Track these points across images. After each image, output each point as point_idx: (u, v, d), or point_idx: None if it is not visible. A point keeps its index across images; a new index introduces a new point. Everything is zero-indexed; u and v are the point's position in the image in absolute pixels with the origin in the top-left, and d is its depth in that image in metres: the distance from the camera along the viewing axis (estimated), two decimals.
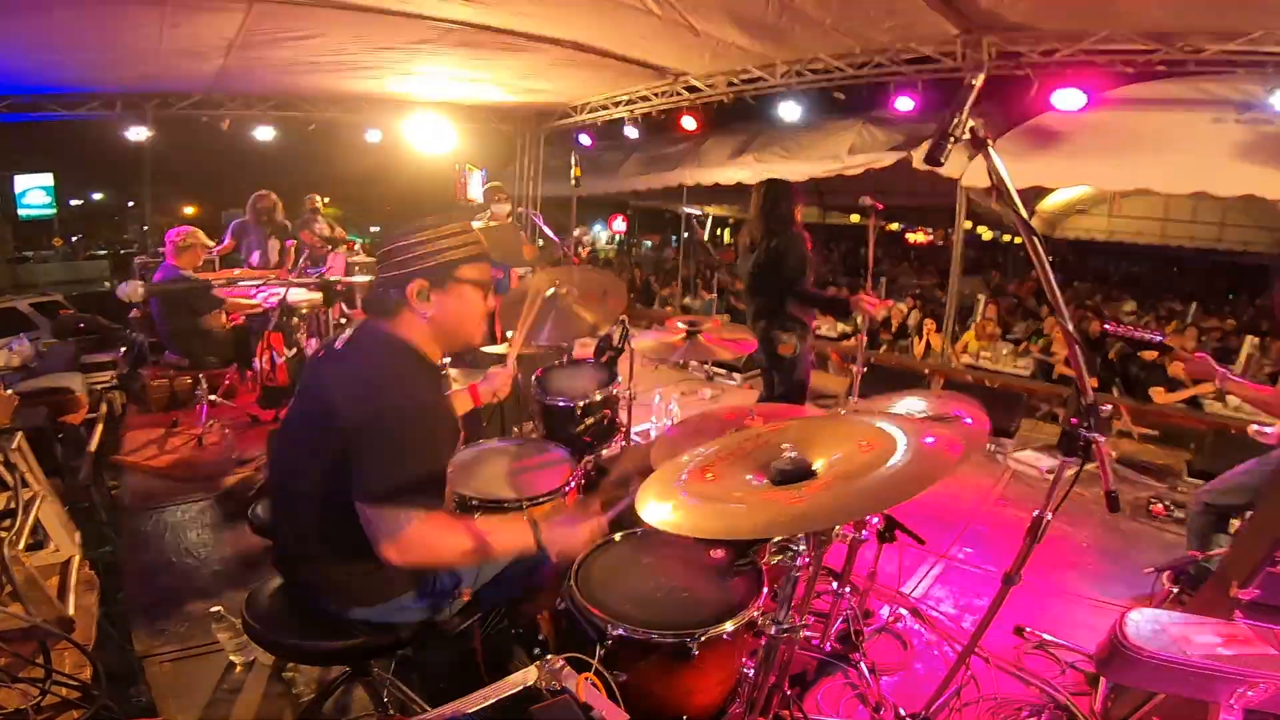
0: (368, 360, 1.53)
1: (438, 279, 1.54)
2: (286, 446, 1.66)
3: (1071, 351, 1.56)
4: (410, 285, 1.52)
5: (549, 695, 1.20)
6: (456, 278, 1.56)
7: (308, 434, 1.55)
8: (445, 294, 1.55)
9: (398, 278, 1.53)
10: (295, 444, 1.59)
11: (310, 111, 8.14)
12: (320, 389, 1.55)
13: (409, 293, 1.52)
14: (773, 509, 1.35)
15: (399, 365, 1.53)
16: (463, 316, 1.60)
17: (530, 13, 5.11)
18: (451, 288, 1.56)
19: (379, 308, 1.58)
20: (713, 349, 2.83)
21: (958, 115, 1.46)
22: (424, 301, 1.53)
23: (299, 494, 1.56)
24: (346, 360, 1.56)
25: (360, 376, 1.50)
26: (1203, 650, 1.12)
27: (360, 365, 1.53)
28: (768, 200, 3.66)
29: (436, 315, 1.55)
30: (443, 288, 1.55)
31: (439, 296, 1.54)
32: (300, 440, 1.58)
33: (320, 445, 1.48)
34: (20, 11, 4.50)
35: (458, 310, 1.58)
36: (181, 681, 2.30)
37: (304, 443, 1.55)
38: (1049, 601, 2.93)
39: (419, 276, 1.52)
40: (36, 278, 9.86)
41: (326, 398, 1.49)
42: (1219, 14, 4.34)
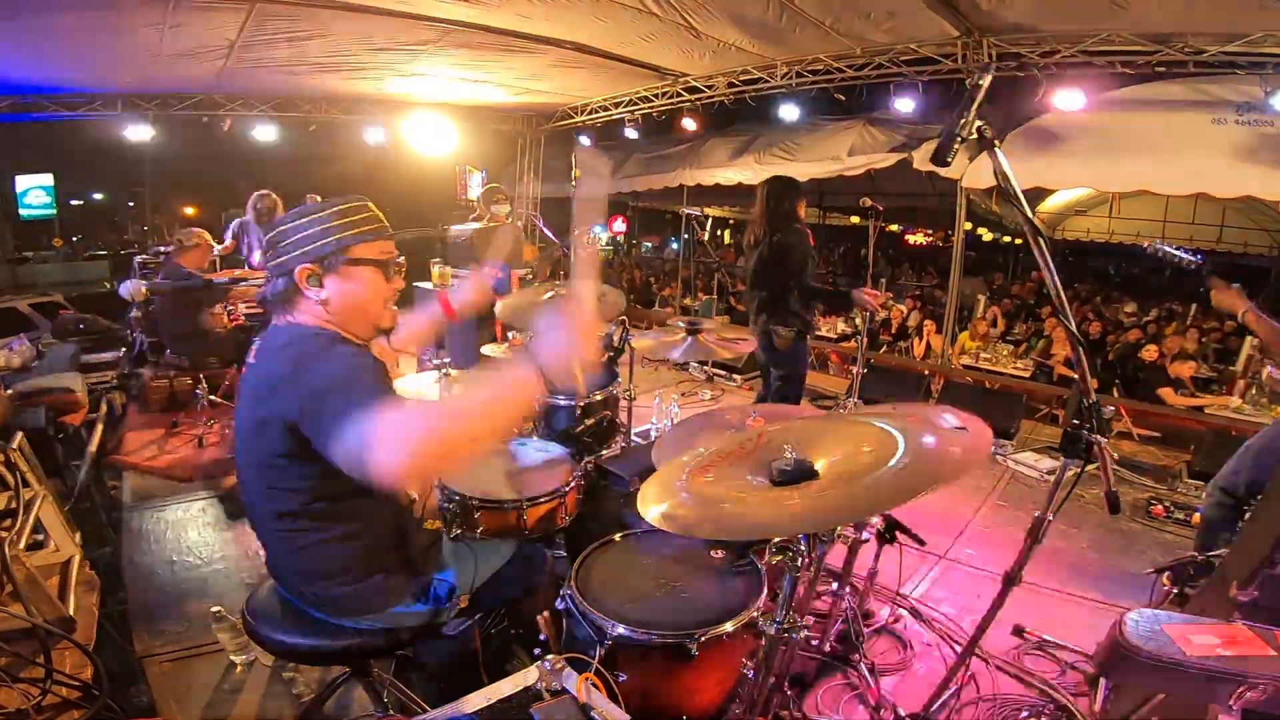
0: (278, 354, 1.41)
1: (328, 262, 1.43)
2: (243, 472, 1.53)
3: (1075, 352, 1.56)
4: (298, 270, 1.41)
5: (549, 695, 1.20)
6: (349, 259, 1.44)
7: (254, 454, 1.45)
8: (338, 277, 1.44)
9: (284, 264, 1.42)
10: (249, 468, 1.50)
11: (310, 112, 8.14)
12: (247, 402, 1.46)
13: (298, 278, 1.41)
14: (773, 509, 1.35)
15: (310, 344, 1.40)
16: (361, 300, 1.47)
17: (530, 14, 5.11)
18: (344, 270, 1.44)
19: (275, 301, 1.47)
20: (713, 349, 2.83)
21: (965, 115, 1.46)
22: (315, 287, 1.43)
23: (268, 515, 1.50)
24: (260, 364, 1.46)
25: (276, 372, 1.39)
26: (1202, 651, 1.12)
27: (272, 362, 1.42)
28: (771, 197, 3.70)
29: (332, 300, 1.44)
30: (334, 270, 1.43)
31: (332, 280, 1.43)
32: (251, 463, 1.48)
33: (270, 461, 1.41)
34: (20, 11, 4.50)
35: (354, 294, 1.46)
36: (182, 681, 2.30)
37: (254, 464, 1.46)
38: (1049, 602, 2.93)
39: (306, 261, 1.41)
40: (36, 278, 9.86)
41: (254, 409, 1.41)
42: (1219, 15, 4.35)
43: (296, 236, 1.43)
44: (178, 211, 15.84)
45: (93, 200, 18.64)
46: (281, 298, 1.45)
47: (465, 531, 2.16)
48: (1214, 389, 6.05)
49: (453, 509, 2.18)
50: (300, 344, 1.40)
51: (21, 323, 6.29)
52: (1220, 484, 2.79)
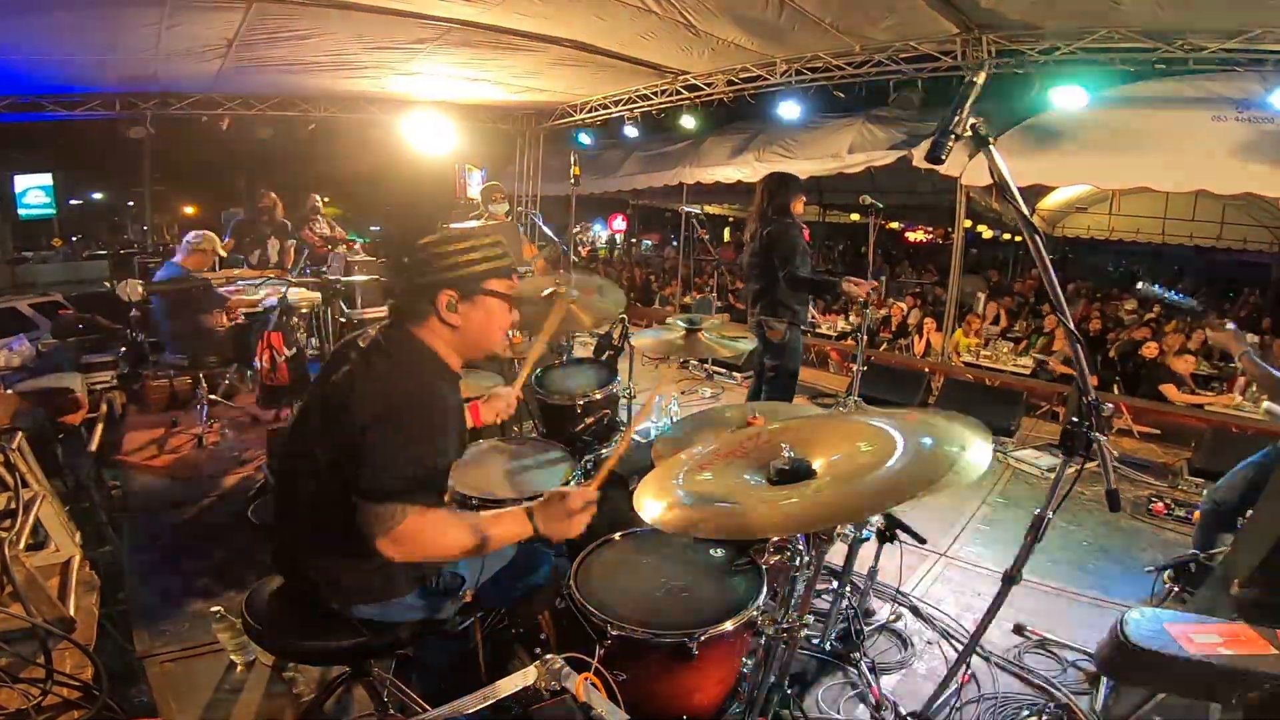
0: (389, 361, 1.54)
1: (466, 291, 1.56)
2: (296, 441, 1.65)
3: (1073, 350, 1.56)
4: (440, 296, 1.54)
5: (549, 695, 1.19)
6: (484, 290, 1.58)
7: (320, 429, 1.54)
8: (472, 306, 1.57)
9: (427, 286, 1.55)
10: (305, 439, 1.59)
11: (309, 111, 8.13)
12: (339, 385, 1.54)
13: (438, 303, 1.54)
14: (772, 509, 1.35)
15: (418, 367, 1.55)
16: (487, 328, 1.62)
17: (530, 12, 5.11)
18: (479, 300, 1.58)
19: (405, 311, 1.59)
20: (712, 348, 2.83)
21: (959, 113, 1.46)
22: (451, 312, 1.55)
23: (305, 490, 1.56)
24: (369, 359, 1.56)
25: (380, 375, 1.50)
26: (1204, 649, 1.12)
27: (381, 365, 1.53)
28: (767, 192, 3.80)
29: (462, 326, 1.57)
30: (470, 300, 1.57)
31: (466, 308, 1.56)
32: (311, 435, 1.57)
33: (331, 441, 1.48)
34: (20, 11, 4.50)
35: (483, 322, 1.60)
36: (182, 681, 2.30)
37: (315, 438, 1.55)
38: (1050, 600, 2.93)
39: (448, 287, 1.54)
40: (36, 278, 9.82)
41: (344, 394, 1.49)
42: (1218, 12, 4.34)
43: (445, 261, 1.55)
44: (178, 211, 15.85)
45: (92, 200, 18.62)
46: (414, 310, 1.58)
47: None
48: (1215, 386, 6.05)
49: (453, 508, 2.18)
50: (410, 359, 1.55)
51: (21, 322, 6.28)
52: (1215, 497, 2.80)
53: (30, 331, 5.91)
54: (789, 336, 3.79)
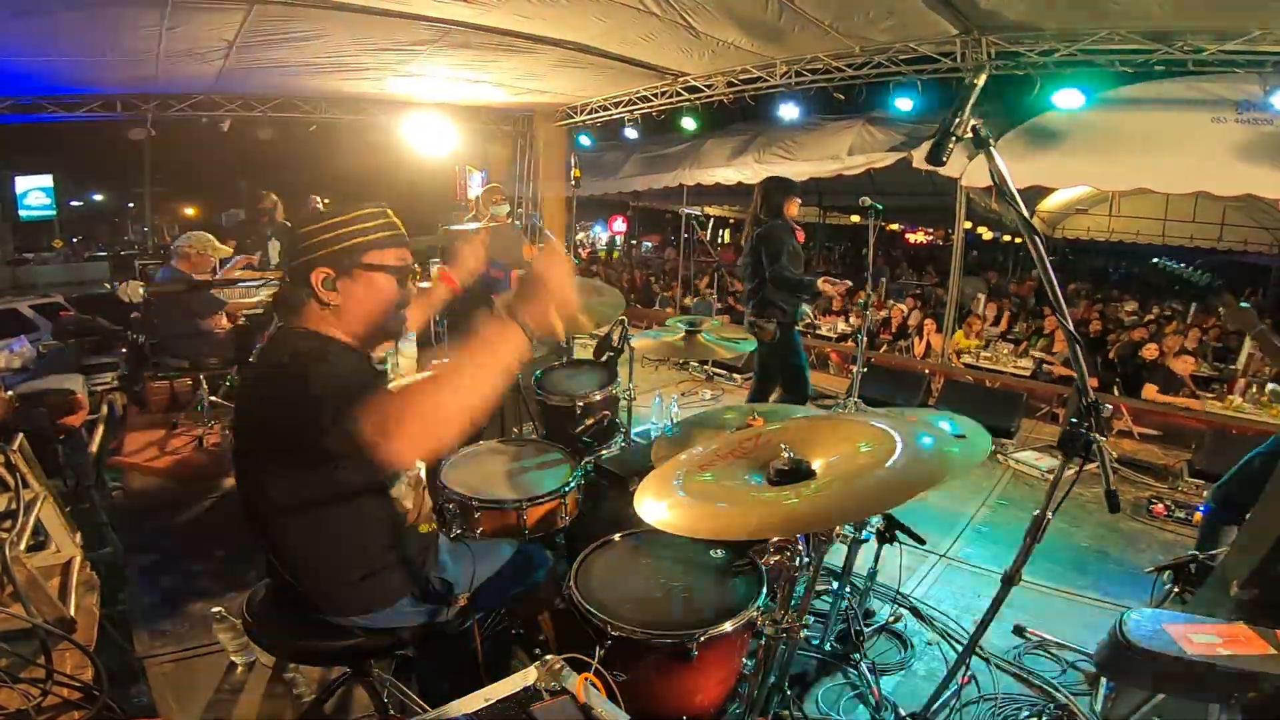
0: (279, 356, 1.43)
1: (343, 266, 1.44)
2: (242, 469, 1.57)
3: (1072, 351, 1.56)
4: (314, 273, 1.43)
5: (549, 695, 1.20)
6: (365, 264, 1.46)
7: (254, 453, 1.49)
8: (353, 281, 1.45)
9: (301, 266, 1.44)
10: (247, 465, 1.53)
11: (310, 112, 8.14)
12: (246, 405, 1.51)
13: (313, 282, 1.43)
14: (771, 509, 1.35)
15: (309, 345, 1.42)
16: (374, 306, 1.49)
17: (529, 13, 5.11)
18: (359, 275, 1.46)
19: (287, 306, 1.48)
20: (712, 349, 2.84)
21: (959, 114, 1.46)
22: (329, 290, 1.44)
23: (270, 513, 1.51)
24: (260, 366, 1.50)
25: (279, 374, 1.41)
26: (1203, 650, 1.12)
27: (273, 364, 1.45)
28: (762, 195, 3.91)
29: (345, 305, 1.46)
30: (349, 275, 1.45)
31: (346, 284, 1.45)
32: (250, 460, 1.51)
33: (270, 458, 1.43)
34: (21, 13, 4.50)
35: (367, 299, 1.48)
36: (183, 682, 2.31)
37: (254, 462, 1.49)
38: (1049, 601, 2.93)
39: (322, 264, 1.43)
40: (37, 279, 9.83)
41: (254, 411, 1.46)
42: (1218, 14, 4.35)
43: (316, 238, 1.45)
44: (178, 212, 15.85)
45: (93, 201, 18.64)
46: (293, 300, 1.47)
47: (466, 531, 2.16)
48: (1215, 387, 6.05)
49: (453, 509, 2.18)
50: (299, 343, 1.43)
51: (22, 324, 6.28)
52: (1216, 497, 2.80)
53: (31, 333, 5.92)
54: (779, 335, 3.85)
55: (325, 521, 1.48)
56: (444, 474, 2.31)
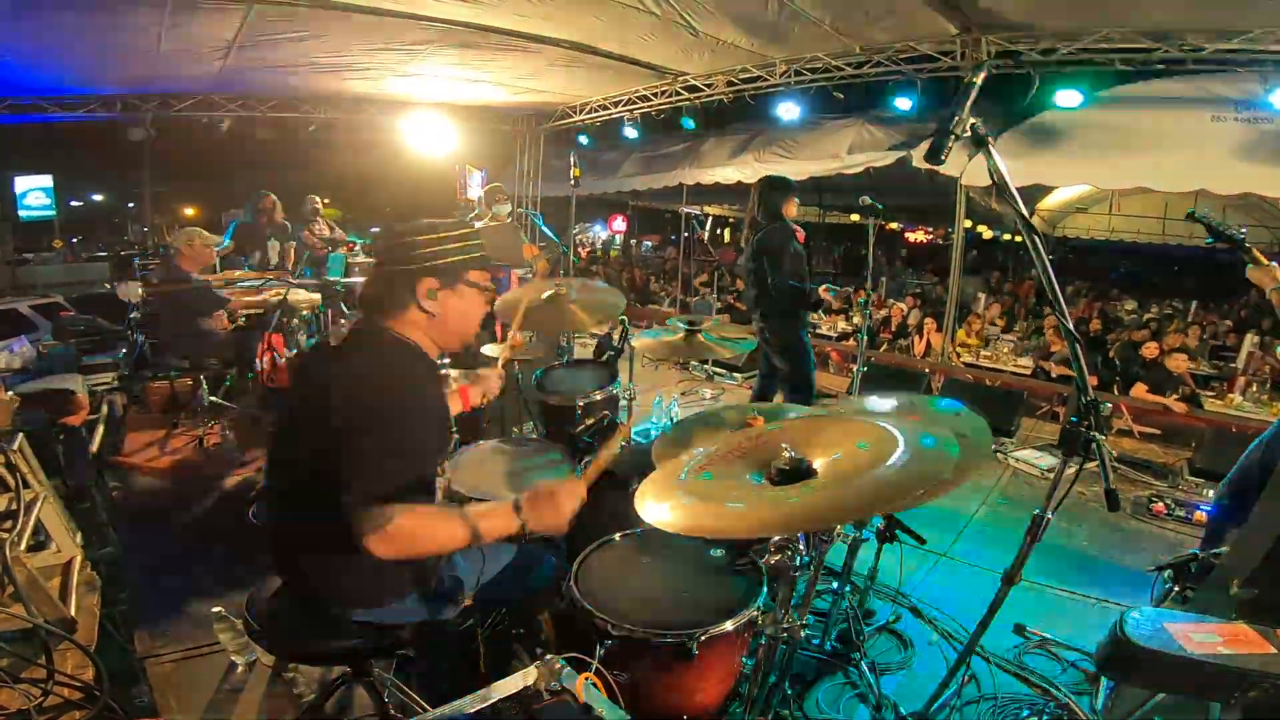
0: (367, 357, 1.53)
1: (448, 279, 1.57)
2: (282, 445, 1.65)
3: (1072, 350, 1.56)
4: (420, 284, 1.54)
5: (549, 695, 1.20)
6: (465, 280, 1.60)
7: (304, 432, 1.54)
8: (453, 294, 1.58)
9: (407, 274, 1.54)
10: (291, 442, 1.59)
11: (310, 112, 8.14)
12: (318, 386, 1.53)
13: (418, 291, 1.54)
14: (772, 509, 1.35)
15: (398, 361, 1.54)
16: (465, 317, 1.63)
17: (529, 13, 5.11)
18: (459, 289, 1.59)
19: (381, 303, 1.58)
20: (712, 349, 2.83)
21: (959, 113, 1.46)
22: (431, 300, 1.56)
23: (295, 494, 1.55)
24: (346, 358, 1.56)
25: (359, 374, 1.49)
26: (1203, 649, 1.11)
27: (359, 362, 1.52)
28: (759, 196, 3.83)
29: (442, 314, 1.58)
30: (451, 288, 1.58)
31: (446, 296, 1.57)
32: (296, 438, 1.57)
33: (316, 443, 1.46)
34: (20, 12, 4.50)
35: (462, 311, 1.61)
36: (183, 682, 2.30)
37: (300, 441, 1.54)
38: (1050, 600, 2.93)
39: (430, 275, 1.54)
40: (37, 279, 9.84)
41: (324, 395, 1.47)
42: (1218, 13, 4.35)
43: (426, 249, 1.55)
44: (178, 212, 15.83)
45: (93, 201, 18.63)
46: (393, 303, 1.56)
47: None
48: (1215, 386, 6.05)
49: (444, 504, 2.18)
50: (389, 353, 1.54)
51: (22, 324, 6.29)
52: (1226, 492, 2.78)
53: (31, 333, 5.92)
54: (794, 341, 3.80)
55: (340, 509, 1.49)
56: (448, 471, 2.31)
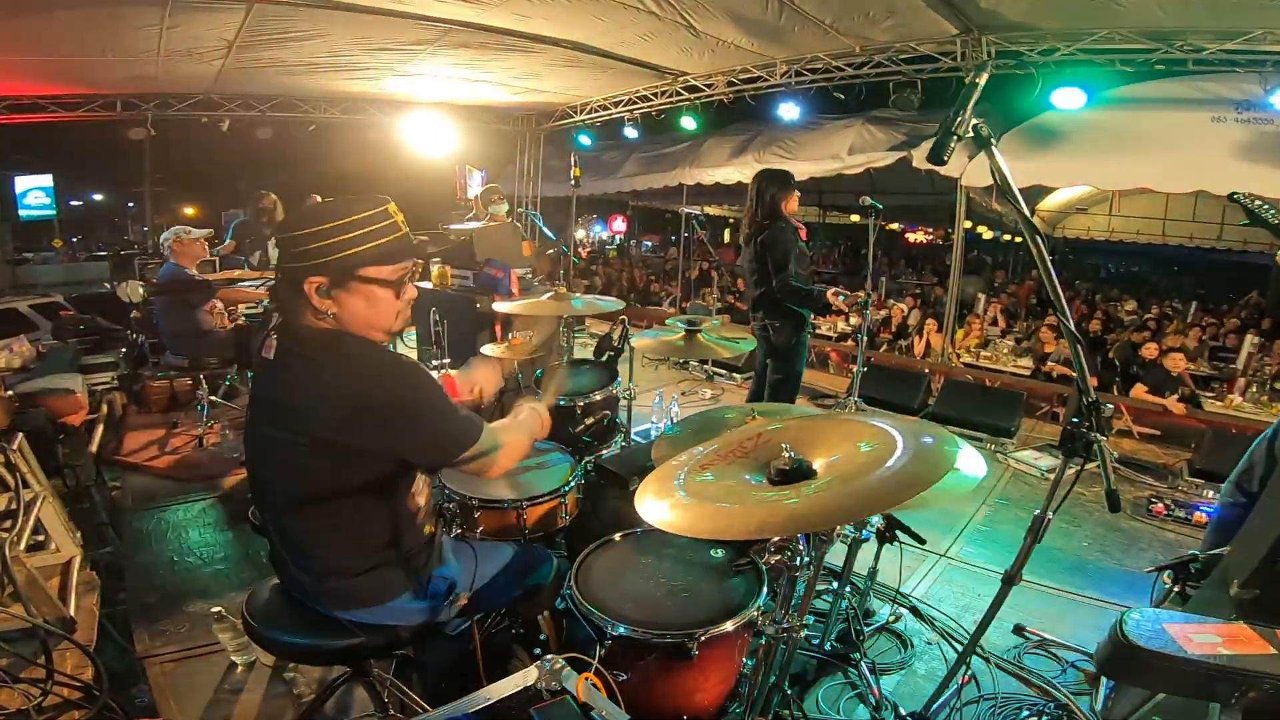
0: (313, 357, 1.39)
1: (336, 278, 1.37)
2: (263, 459, 1.53)
3: (1073, 350, 1.56)
4: (306, 282, 1.35)
5: (549, 695, 1.19)
6: (360, 277, 1.38)
7: (285, 442, 1.42)
8: (348, 293, 1.38)
9: (292, 271, 1.37)
10: (272, 454, 1.49)
11: (310, 112, 8.14)
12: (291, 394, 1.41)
13: (306, 290, 1.36)
14: (772, 509, 1.35)
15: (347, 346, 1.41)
16: (368, 315, 1.42)
17: (529, 13, 5.11)
18: (355, 287, 1.38)
19: (284, 307, 1.43)
20: (712, 349, 2.83)
21: (961, 114, 1.46)
22: (325, 299, 1.37)
23: (283, 504, 1.51)
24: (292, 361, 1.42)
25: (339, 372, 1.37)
26: (1203, 649, 1.11)
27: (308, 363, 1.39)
28: (757, 192, 3.72)
29: (341, 315, 1.40)
30: (343, 287, 1.38)
31: (341, 295, 1.38)
32: (277, 449, 1.46)
33: (305, 450, 1.39)
34: (20, 12, 4.50)
35: (364, 311, 1.41)
36: (183, 682, 2.30)
37: (282, 451, 1.44)
38: (1049, 601, 2.93)
39: (315, 273, 1.35)
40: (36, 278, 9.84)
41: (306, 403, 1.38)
42: (1218, 13, 4.35)
43: (311, 245, 1.36)
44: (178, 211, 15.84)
45: (93, 200, 18.65)
46: (290, 304, 1.41)
47: (465, 531, 2.16)
48: (1215, 387, 6.05)
49: (453, 509, 2.18)
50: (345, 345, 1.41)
51: (22, 323, 6.29)
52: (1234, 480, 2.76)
53: (31, 332, 5.92)
54: (795, 340, 3.73)
55: (335, 513, 1.48)
56: (444, 473, 2.31)
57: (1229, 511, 2.73)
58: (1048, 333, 6.83)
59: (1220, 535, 2.73)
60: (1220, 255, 11.64)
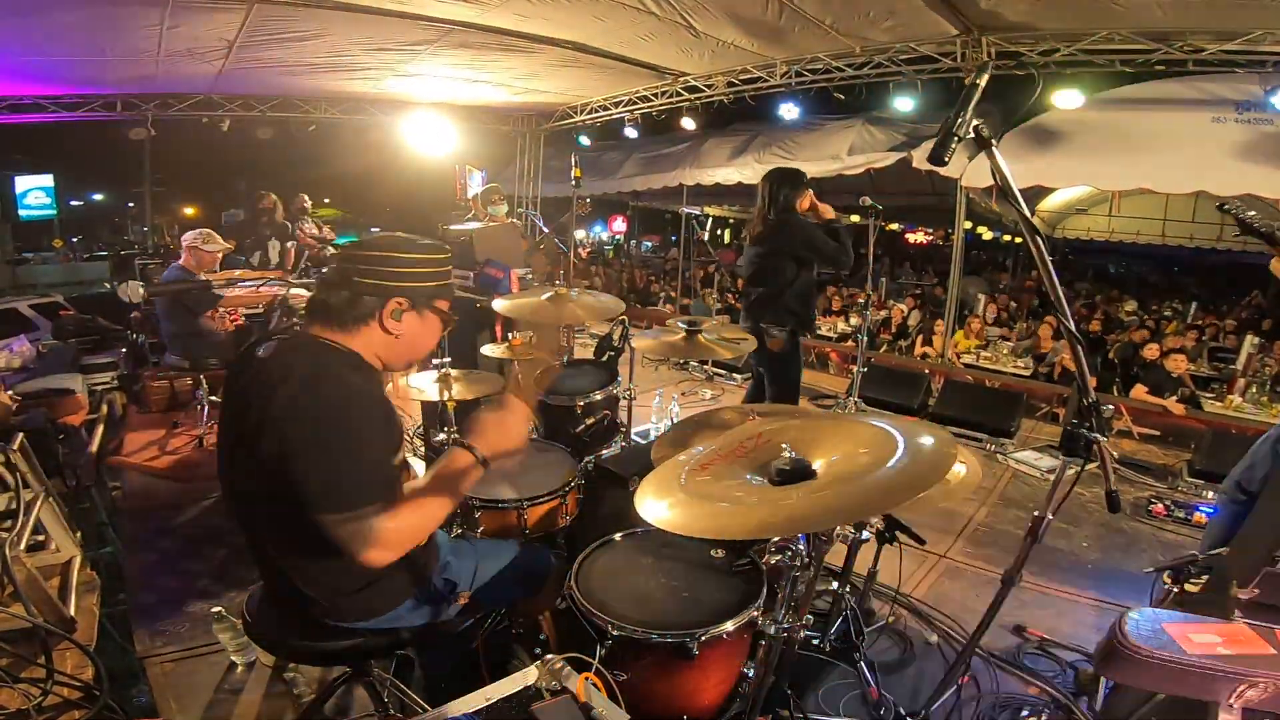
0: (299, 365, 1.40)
1: (418, 302, 1.51)
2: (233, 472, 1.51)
3: (1074, 351, 1.56)
4: (390, 300, 1.47)
5: (549, 695, 1.20)
6: (434, 307, 1.55)
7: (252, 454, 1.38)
8: (418, 318, 1.52)
9: (380, 289, 1.46)
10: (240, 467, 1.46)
11: (310, 112, 8.14)
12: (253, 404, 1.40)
13: (386, 308, 1.47)
14: (772, 509, 1.35)
15: (333, 365, 1.43)
16: (423, 341, 1.58)
17: (529, 13, 5.12)
18: (425, 314, 1.54)
19: (340, 314, 1.46)
20: (712, 349, 2.83)
21: (961, 114, 1.46)
22: (395, 320, 1.48)
23: (261, 520, 1.48)
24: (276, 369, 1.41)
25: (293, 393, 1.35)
26: (1203, 650, 1.12)
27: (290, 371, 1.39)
28: (769, 190, 3.62)
29: (402, 335, 1.51)
30: (417, 311, 1.51)
31: (410, 318, 1.51)
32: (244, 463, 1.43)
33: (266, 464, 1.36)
34: (21, 12, 4.50)
35: (422, 335, 1.56)
36: (183, 682, 2.30)
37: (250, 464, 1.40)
38: (1049, 601, 2.93)
39: (402, 295, 1.48)
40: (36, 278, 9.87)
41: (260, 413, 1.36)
42: (1218, 14, 4.35)
43: (398, 268, 1.47)
44: (178, 211, 15.86)
45: (93, 200, 18.65)
46: (352, 314, 1.46)
47: (466, 531, 2.16)
48: (1214, 387, 6.05)
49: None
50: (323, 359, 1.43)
51: (22, 323, 6.29)
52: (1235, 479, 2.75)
53: (31, 332, 5.92)
54: (790, 345, 3.62)
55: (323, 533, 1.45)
56: None
57: (1229, 510, 2.72)
58: (1046, 331, 6.84)
59: (1220, 534, 2.73)
60: (1220, 256, 11.64)
